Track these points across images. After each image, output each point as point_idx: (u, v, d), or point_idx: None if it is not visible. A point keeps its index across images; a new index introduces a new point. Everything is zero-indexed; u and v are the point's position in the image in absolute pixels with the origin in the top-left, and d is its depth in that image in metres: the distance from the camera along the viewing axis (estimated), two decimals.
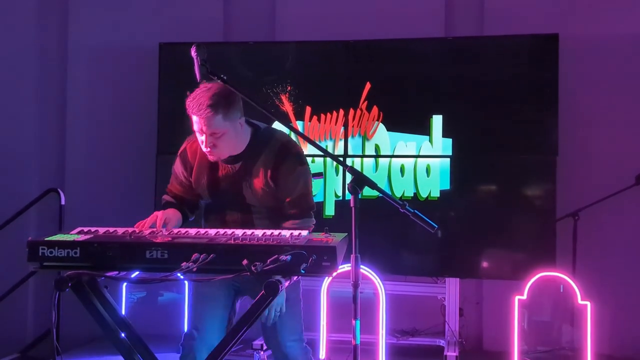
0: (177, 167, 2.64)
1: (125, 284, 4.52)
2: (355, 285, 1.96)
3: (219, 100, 2.35)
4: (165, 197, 2.68)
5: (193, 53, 2.13)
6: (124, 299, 4.53)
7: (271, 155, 2.51)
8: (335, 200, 4.49)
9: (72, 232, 2.17)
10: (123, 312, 4.45)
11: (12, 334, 4.78)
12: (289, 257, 1.94)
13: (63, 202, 4.58)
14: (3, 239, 4.49)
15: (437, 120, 4.38)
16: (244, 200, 2.53)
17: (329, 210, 4.48)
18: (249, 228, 2.44)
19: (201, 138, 2.43)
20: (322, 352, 4.25)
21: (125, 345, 2.18)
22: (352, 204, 2.02)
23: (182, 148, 2.64)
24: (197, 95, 2.36)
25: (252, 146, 2.52)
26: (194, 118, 2.39)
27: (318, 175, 4.45)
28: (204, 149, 2.46)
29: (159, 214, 2.41)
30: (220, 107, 2.35)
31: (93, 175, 5.07)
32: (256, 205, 2.53)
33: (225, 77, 2.16)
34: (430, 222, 1.99)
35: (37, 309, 5.01)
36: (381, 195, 2.07)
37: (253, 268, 1.91)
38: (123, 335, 2.20)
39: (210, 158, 2.50)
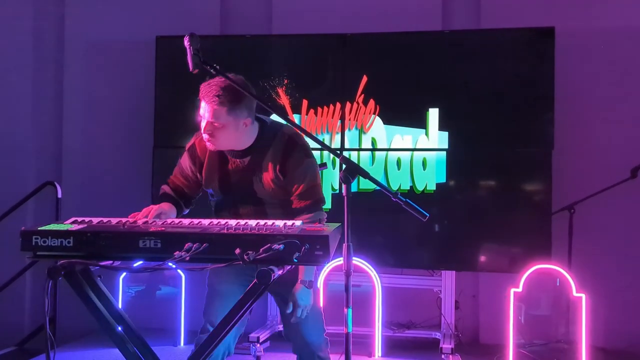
0: (185, 161, 2.65)
1: (122, 277, 4.54)
2: (347, 274, 1.97)
3: (227, 94, 2.37)
4: (165, 188, 2.68)
5: (186, 43, 2.13)
6: (120, 293, 4.54)
7: (279, 149, 2.52)
8: (332, 194, 4.50)
9: (66, 222, 2.17)
10: (120, 305, 4.48)
11: (9, 327, 4.80)
12: (281, 246, 1.94)
13: (60, 195, 4.59)
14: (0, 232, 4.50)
15: (433, 114, 4.38)
16: (256, 195, 2.56)
17: (326, 203, 4.46)
18: (262, 217, 2.45)
19: (202, 122, 2.46)
20: None
21: (120, 337, 2.19)
22: (344, 193, 2.02)
23: (190, 143, 2.65)
24: (213, 84, 2.41)
25: (259, 141, 2.54)
26: (202, 103, 2.44)
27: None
28: (203, 134, 2.48)
29: (153, 207, 2.42)
30: (227, 100, 2.38)
31: (90, 168, 5.07)
32: (267, 199, 2.56)
33: (217, 67, 2.16)
34: (421, 210, 2.00)
35: (34, 302, 5.03)
36: (376, 187, 2.08)
37: (245, 257, 1.92)
38: (118, 325, 2.21)
39: (208, 145, 2.51)
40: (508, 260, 4.30)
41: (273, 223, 2.14)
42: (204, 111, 2.43)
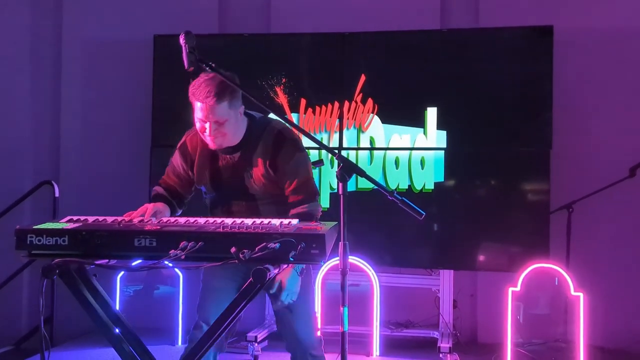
0: (176, 159, 2.64)
1: (120, 276, 4.53)
2: (343, 273, 1.97)
3: (224, 88, 2.36)
4: (157, 189, 2.67)
5: (181, 40, 2.13)
6: (118, 292, 4.53)
7: (268, 144, 2.51)
8: (330, 193, 4.49)
9: (61, 221, 2.17)
10: (117, 304, 4.47)
11: (7, 326, 4.79)
12: (277, 245, 1.94)
13: (57, 195, 4.59)
14: None
15: (431, 113, 4.38)
16: (247, 191, 2.55)
17: (324, 203, 4.47)
18: (256, 215, 2.45)
19: (205, 125, 2.43)
20: None
21: (115, 336, 2.18)
22: (340, 192, 2.02)
23: (181, 141, 2.64)
24: (202, 82, 2.37)
25: (249, 136, 2.53)
26: (198, 105, 2.40)
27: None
28: (206, 138, 2.46)
29: (149, 206, 2.41)
30: (226, 95, 2.37)
31: (87, 167, 5.06)
32: (260, 194, 2.54)
33: (213, 65, 2.15)
34: (418, 209, 1.99)
35: (31, 301, 5.02)
36: (374, 186, 2.07)
37: (241, 256, 1.91)
38: (114, 325, 2.20)
39: (212, 146, 2.49)
40: (506, 260, 4.30)
41: (269, 222, 2.13)
42: (205, 113, 2.39)
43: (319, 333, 2.69)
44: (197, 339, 2.50)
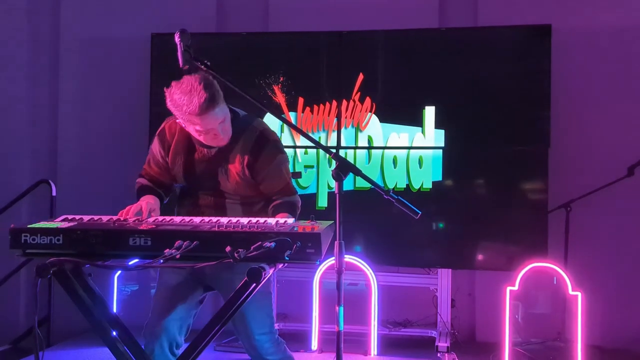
0: (155, 146, 2.62)
1: (117, 275, 4.52)
2: (339, 272, 1.96)
3: (212, 92, 2.32)
4: (141, 181, 2.64)
5: (176, 39, 2.12)
6: (115, 292, 4.52)
7: (249, 143, 2.50)
8: (328, 192, 4.48)
9: (56, 220, 2.16)
10: (114, 303, 4.46)
11: (4, 325, 4.78)
12: (272, 244, 1.93)
13: (54, 194, 4.57)
14: None
15: (429, 112, 4.37)
16: (218, 186, 2.52)
17: (322, 202, 4.47)
18: (222, 212, 2.46)
19: (210, 134, 2.40)
20: (315, 343, 4.25)
21: (110, 336, 2.17)
22: (336, 191, 2.01)
23: (160, 128, 2.62)
24: (188, 99, 2.30)
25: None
26: (196, 120, 2.33)
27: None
28: (212, 142, 2.44)
29: (142, 204, 2.38)
30: (216, 95, 2.34)
31: (85, 166, 5.05)
32: (230, 192, 2.53)
33: (208, 63, 2.14)
34: (414, 208, 1.99)
35: (29, 301, 5.01)
36: (371, 185, 2.07)
37: (236, 255, 1.90)
38: (109, 325, 2.19)
39: (219, 144, 2.47)
40: (504, 259, 4.29)
41: (265, 221, 2.13)
42: (205, 123, 2.33)
43: (276, 336, 2.60)
44: (153, 336, 2.46)
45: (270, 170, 2.50)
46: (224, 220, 2.16)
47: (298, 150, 4.51)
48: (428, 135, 4.37)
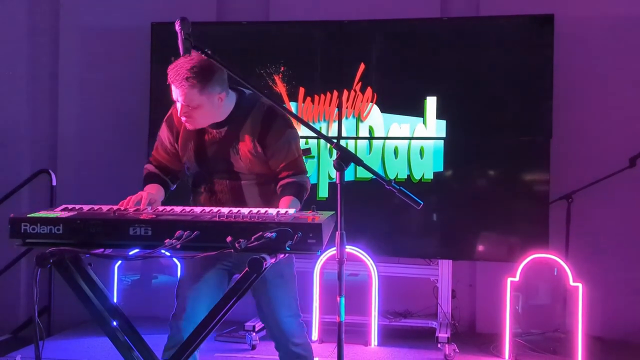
0: (163, 132, 2.60)
1: (117, 265, 4.52)
2: (340, 262, 1.95)
3: (196, 74, 2.32)
4: (149, 167, 2.62)
5: (177, 27, 2.10)
6: (116, 281, 4.51)
7: (257, 120, 2.47)
8: (329, 182, 4.47)
9: (56, 210, 2.15)
10: (115, 293, 4.46)
11: (4, 315, 4.79)
12: (273, 234, 1.92)
13: (54, 183, 4.56)
14: None
15: (431, 102, 4.35)
16: (232, 167, 2.49)
17: (323, 192, 4.46)
18: (238, 195, 2.44)
19: (177, 106, 2.43)
20: (315, 334, 4.26)
21: (110, 326, 2.16)
22: (337, 181, 2.00)
23: (168, 113, 2.61)
24: (177, 65, 2.35)
25: (237, 111, 2.48)
26: (172, 86, 2.40)
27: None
28: (180, 117, 2.44)
29: (143, 195, 2.36)
30: (198, 81, 2.33)
31: (85, 156, 5.04)
32: (244, 172, 2.50)
33: (209, 52, 2.13)
34: (415, 198, 1.97)
35: (29, 290, 5.01)
36: (373, 175, 2.05)
37: (237, 245, 1.89)
38: (109, 314, 2.18)
39: (187, 126, 2.47)
40: (505, 249, 4.28)
41: (266, 211, 2.11)
42: (177, 95, 2.39)
43: (300, 319, 2.61)
44: (180, 328, 2.53)
45: (280, 144, 2.46)
46: (224, 210, 2.14)
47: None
48: (429, 126, 4.35)
